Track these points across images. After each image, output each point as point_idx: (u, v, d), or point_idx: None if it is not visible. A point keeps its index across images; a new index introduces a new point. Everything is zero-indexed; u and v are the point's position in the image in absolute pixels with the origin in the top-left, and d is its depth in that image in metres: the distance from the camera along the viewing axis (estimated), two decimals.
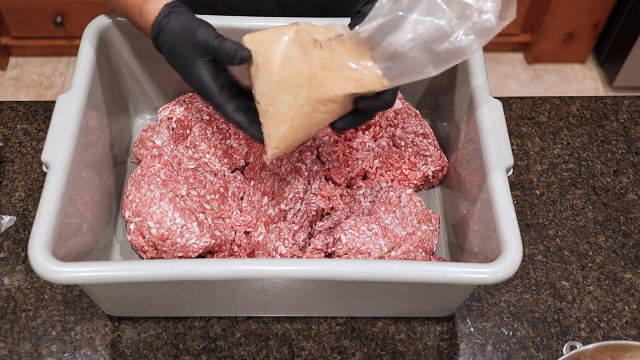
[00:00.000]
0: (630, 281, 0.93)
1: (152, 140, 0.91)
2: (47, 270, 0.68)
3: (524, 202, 1.00)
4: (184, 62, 0.76)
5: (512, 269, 0.70)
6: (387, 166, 0.94)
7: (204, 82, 0.76)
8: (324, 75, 0.70)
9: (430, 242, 0.86)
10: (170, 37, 0.77)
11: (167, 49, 0.78)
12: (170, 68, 0.98)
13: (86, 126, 0.82)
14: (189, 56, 0.75)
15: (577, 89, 2.27)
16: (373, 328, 0.88)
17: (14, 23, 2.11)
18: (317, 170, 0.90)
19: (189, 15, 0.77)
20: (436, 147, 0.96)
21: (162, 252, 0.83)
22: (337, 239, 0.83)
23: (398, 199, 0.87)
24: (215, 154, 0.93)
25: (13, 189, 0.98)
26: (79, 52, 0.87)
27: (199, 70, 0.75)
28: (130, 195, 0.85)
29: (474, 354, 0.86)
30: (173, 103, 0.97)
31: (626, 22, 2.10)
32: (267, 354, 0.85)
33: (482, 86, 0.86)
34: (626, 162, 1.05)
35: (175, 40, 0.76)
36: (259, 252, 0.85)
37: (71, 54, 2.29)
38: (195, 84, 0.77)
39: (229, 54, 0.72)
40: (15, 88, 2.21)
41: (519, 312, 0.90)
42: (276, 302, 0.84)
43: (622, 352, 0.78)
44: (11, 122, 1.05)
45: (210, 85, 0.76)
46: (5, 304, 0.88)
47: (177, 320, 0.87)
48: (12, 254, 0.92)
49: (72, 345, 0.85)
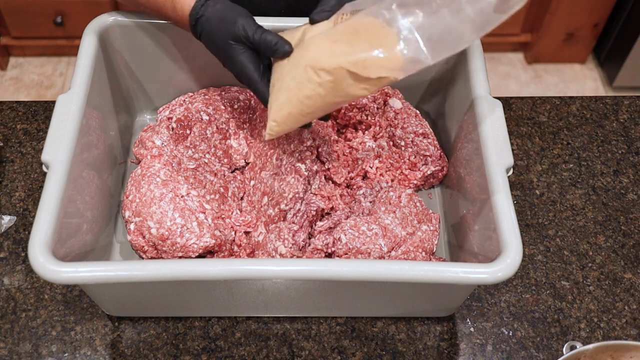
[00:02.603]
0: (630, 281, 0.93)
1: (152, 141, 0.91)
2: (47, 270, 0.68)
3: (524, 202, 1.00)
4: (225, 51, 0.78)
5: (512, 269, 0.70)
6: (387, 166, 0.94)
7: (247, 72, 0.78)
8: (326, 46, 0.71)
9: (430, 242, 0.86)
10: (208, 25, 0.78)
11: (206, 38, 0.79)
12: (170, 68, 0.98)
13: (86, 126, 0.82)
14: (228, 46, 0.77)
15: (577, 89, 2.27)
16: (373, 328, 0.88)
17: (14, 23, 2.11)
18: (317, 170, 0.90)
19: (227, 4, 0.78)
20: (436, 147, 0.96)
21: (162, 252, 0.83)
22: (337, 239, 0.83)
23: (398, 199, 0.87)
24: (215, 154, 0.93)
25: (13, 189, 0.98)
26: (79, 52, 0.87)
27: (240, 59, 0.77)
28: (130, 195, 0.85)
29: (474, 354, 0.86)
30: (173, 103, 0.97)
31: (626, 22, 2.10)
32: (267, 354, 0.85)
33: (482, 86, 0.86)
34: (626, 162, 1.05)
35: (214, 29, 0.78)
36: (259, 252, 0.85)
37: (71, 54, 2.29)
38: (237, 72, 0.79)
39: (270, 47, 0.75)
40: (15, 88, 2.21)
41: (519, 312, 0.90)
42: (276, 302, 0.84)
43: (622, 352, 0.78)
44: (11, 122, 1.05)
45: (252, 75, 0.78)
46: (5, 304, 0.88)
47: (177, 320, 0.87)
48: (12, 254, 0.92)
49: (72, 345, 0.85)
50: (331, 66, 0.69)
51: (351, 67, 0.68)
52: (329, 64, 0.69)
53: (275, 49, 0.74)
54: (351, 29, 0.70)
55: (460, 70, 0.91)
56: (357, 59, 0.68)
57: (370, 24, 0.69)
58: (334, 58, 0.69)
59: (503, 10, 0.63)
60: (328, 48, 0.70)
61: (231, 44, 0.77)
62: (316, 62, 0.70)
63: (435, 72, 0.99)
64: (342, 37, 0.70)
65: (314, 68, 0.70)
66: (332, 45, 0.70)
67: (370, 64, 0.68)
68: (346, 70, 0.69)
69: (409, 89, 1.02)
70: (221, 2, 0.79)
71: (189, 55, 0.96)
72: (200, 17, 0.79)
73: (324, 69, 0.70)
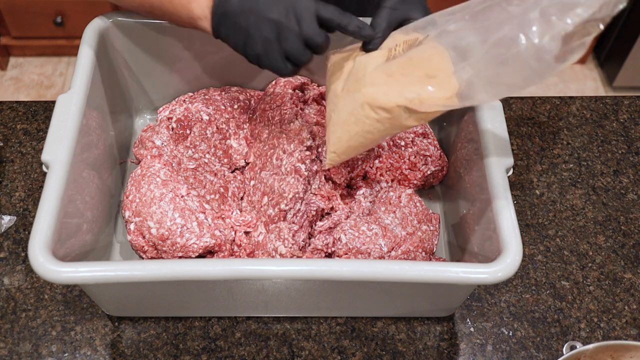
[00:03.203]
0: (630, 281, 0.93)
1: (152, 141, 0.91)
2: (47, 270, 0.68)
3: (524, 202, 1.00)
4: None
5: (512, 269, 0.70)
6: (387, 166, 0.94)
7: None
8: (382, 83, 0.71)
9: (430, 242, 0.86)
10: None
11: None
12: (170, 68, 0.98)
13: (86, 126, 0.82)
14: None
15: (577, 89, 2.27)
16: (373, 328, 0.88)
17: (14, 23, 2.11)
18: (317, 170, 0.90)
19: None
20: (436, 147, 0.96)
21: (162, 252, 0.83)
22: (337, 239, 0.83)
23: (398, 199, 0.87)
24: (215, 154, 0.93)
25: (13, 189, 0.98)
26: (79, 52, 0.87)
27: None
28: (130, 195, 0.85)
29: (474, 354, 0.86)
30: (173, 103, 0.97)
31: (626, 22, 2.10)
32: (267, 354, 0.85)
33: None
34: (626, 162, 1.05)
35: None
36: (259, 252, 0.85)
37: (71, 54, 2.29)
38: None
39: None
40: (15, 88, 2.21)
41: (519, 312, 0.90)
42: (276, 302, 0.84)
43: (622, 352, 0.78)
44: (11, 122, 1.05)
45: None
46: (5, 304, 0.88)
47: (177, 320, 0.87)
48: (12, 254, 0.92)
49: (72, 345, 0.85)
50: (388, 105, 0.70)
51: (408, 104, 0.69)
52: (386, 102, 0.70)
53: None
54: (406, 58, 0.71)
55: None
56: (413, 97, 0.69)
57: (425, 49, 0.70)
58: (391, 96, 0.70)
59: (564, 59, 0.60)
60: (384, 83, 0.70)
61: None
62: (374, 101, 0.71)
63: None
64: (397, 70, 0.71)
65: (372, 106, 0.71)
66: (388, 79, 0.71)
67: (426, 99, 0.69)
68: (404, 107, 0.70)
69: None
70: None
71: (189, 55, 0.96)
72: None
73: (382, 107, 0.70)
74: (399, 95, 0.69)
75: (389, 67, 0.71)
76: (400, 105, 0.69)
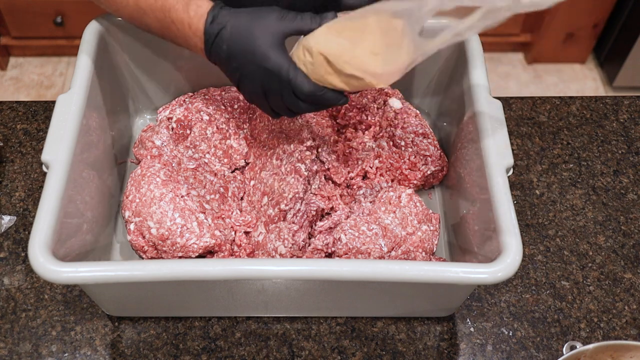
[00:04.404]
0: (630, 281, 0.93)
1: (152, 141, 0.91)
2: (47, 270, 0.68)
3: (524, 202, 1.00)
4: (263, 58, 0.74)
5: (512, 269, 0.70)
6: (387, 166, 0.94)
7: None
8: (324, 32, 0.71)
9: (430, 242, 0.86)
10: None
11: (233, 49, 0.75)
12: (170, 68, 0.98)
13: (86, 126, 0.82)
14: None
15: (577, 89, 2.27)
16: (373, 328, 0.88)
17: (14, 23, 2.11)
18: (317, 170, 0.90)
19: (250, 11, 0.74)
20: (436, 147, 0.96)
21: (162, 252, 0.83)
22: (337, 239, 0.83)
23: (398, 199, 0.87)
24: (215, 154, 0.93)
25: (13, 189, 0.98)
26: (79, 52, 0.87)
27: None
28: (130, 195, 0.85)
29: (474, 354, 0.86)
30: (173, 103, 0.97)
31: (626, 22, 2.10)
32: (267, 354, 0.85)
33: (482, 86, 0.86)
34: (626, 162, 1.05)
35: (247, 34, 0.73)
36: (259, 252, 0.85)
37: (71, 54, 2.29)
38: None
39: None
40: (15, 88, 2.21)
41: (519, 312, 0.90)
42: (276, 302, 0.84)
43: (622, 352, 0.78)
44: (11, 122, 1.05)
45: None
46: (5, 304, 0.88)
47: (177, 320, 0.87)
48: (12, 254, 0.92)
49: (72, 345, 0.85)
50: (312, 48, 0.71)
51: (329, 56, 0.69)
52: (311, 45, 0.71)
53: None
54: (361, 24, 0.70)
55: (460, 71, 0.91)
56: (336, 52, 0.69)
57: (382, 20, 0.69)
58: (319, 43, 0.70)
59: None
60: (325, 33, 0.71)
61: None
62: (306, 42, 0.72)
63: (436, 72, 0.99)
64: (346, 28, 0.70)
65: (304, 47, 0.72)
66: (330, 31, 0.71)
67: (350, 60, 0.69)
68: (324, 57, 0.70)
69: (409, 89, 1.02)
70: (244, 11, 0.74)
71: (189, 55, 0.96)
72: (222, 28, 0.73)
73: (307, 49, 0.71)
74: (325, 45, 0.70)
75: (341, 23, 0.71)
76: (322, 54, 0.70)
